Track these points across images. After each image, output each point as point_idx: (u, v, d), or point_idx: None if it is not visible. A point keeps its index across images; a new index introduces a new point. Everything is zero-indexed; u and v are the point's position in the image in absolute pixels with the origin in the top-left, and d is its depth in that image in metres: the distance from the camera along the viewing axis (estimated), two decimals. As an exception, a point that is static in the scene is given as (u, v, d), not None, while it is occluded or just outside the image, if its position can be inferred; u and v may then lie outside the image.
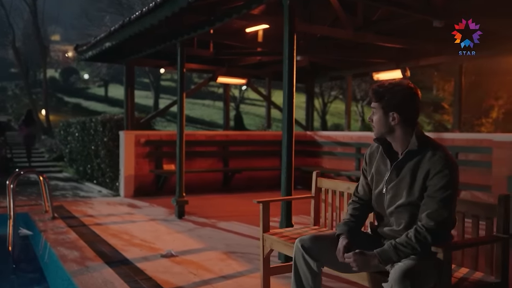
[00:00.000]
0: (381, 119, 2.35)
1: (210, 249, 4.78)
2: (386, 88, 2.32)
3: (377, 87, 2.36)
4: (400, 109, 2.31)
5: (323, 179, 3.69)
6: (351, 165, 9.15)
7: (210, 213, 6.76)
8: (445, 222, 2.19)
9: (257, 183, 9.54)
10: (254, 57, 8.69)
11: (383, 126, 2.36)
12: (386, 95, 2.31)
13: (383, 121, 2.34)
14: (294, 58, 4.39)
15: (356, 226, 2.53)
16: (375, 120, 2.38)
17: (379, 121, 2.36)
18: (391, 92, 2.30)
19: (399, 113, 2.31)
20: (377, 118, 2.36)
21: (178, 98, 6.49)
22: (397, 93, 2.30)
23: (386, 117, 2.33)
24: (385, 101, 2.31)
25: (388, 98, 2.30)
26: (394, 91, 2.30)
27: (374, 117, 2.38)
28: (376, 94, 2.34)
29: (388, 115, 2.32)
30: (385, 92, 2.31)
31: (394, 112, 2.31)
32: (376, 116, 2.37)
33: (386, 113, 2.32)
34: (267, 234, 3.45)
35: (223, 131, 10.65)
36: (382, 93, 2.32)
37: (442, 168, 2.20)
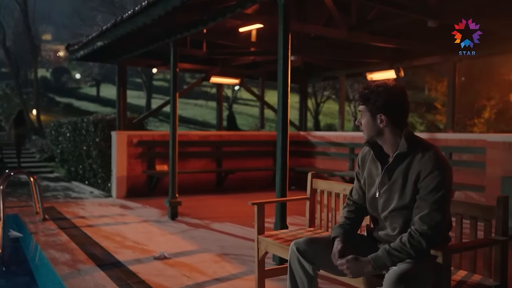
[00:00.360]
0: (369, 122, 2.30)
1: (203, 251, 4.73)
2: (371, 90, 2.28)
3: (362, 89, 2.32)
4: (387, 110, 2.26)
5: (319, 180, 3.65)
6: (345, 165, 9.13)
7: (203, 214, 6.70)
8: (439, 226, 2.14)
9: (250, 184, 9.50)
10: (248, 57, 8.65)
11: (372, 129, 2.31)
12: (372, 97, 2.26)
13: (371, 124, 2.30)
14: (289, 57, 4.35)
15: (351, 229, 2.48)
16: (363, 123, 2.33)
17: (367, 124, 2.31)
18: (376, 93, 2.25)
19: (386, 114, 2.26)
20: (365, 121, 2.32)
21: (171, 98, 6.42)
22: (382, 94, 2.25)
23: (373, 119, 2.28)
24: (371, 103, 2.26)
25: (373, 100, 2.25)
26: (379, 92, 2.25)
27: (362, 121, 2.34)
28: (362, 97, 2.30)
29: (375, 117, 2.28)
30: (370, 94, 2.27)
31: (381, 114, 2.26)
32: (364, 119, 2.32)
33: (374, 115, 2.28)
34: (262, 236, 3.40)
35: (216, 131, 10.59)
36: (367, 95, 2.27)
37: (433, 168, 2.16)
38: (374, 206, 2.41)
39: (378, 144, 2.37)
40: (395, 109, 2.27)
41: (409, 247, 2.12)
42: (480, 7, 5.77)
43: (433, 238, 2.14)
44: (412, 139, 2.27)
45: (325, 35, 6.68)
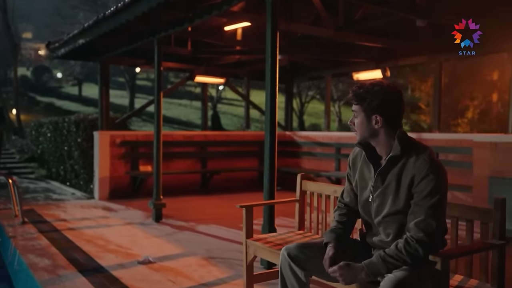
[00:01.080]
0: (363, 123, 2.20)
1: (189, 254, 4.60)
2: (366, 89, 2.17)
3: (357, 88, 2.21)
4: (383, 111, 2.16)
5: (308, 182, 3.56)
6: (331, 165, 9.07)
7: (188, 216, 6.57)
8: (435, 232, 2.06)
9: (235, 184, 9.40)
10: (233, 56, 8.54)
11: (366, 130, 2.21)
12: (367, 97, 2.16)
13: (366, 124, 2.20)
14: (277, 56, 4.26)
15: (344, 233, 2.39)
16: (357, 123, 2.23)
17: (361, 125, 2.21)
18: (372, 93, 2.15)
19: (382, 115, 2.16)
20: (359, 122, 2.22)
21: (155, 97, 6.28)
22: (378, 94, 2.15)
23: (368, 120, 2.19)
24: (367, 103, 2.17)
25: (369, 100, 2.16)
26: (375, 91, 2.15)
27: (355, 121, 2.24)
28: (357, 96, 2.19)
29: (370, 118, 2.18)
30: (365, 93, 2.17)
31: (377, 115, 2.17)
32: (357, 119, 2.22)
33: (369, 116, 2.18)
34: (251, 240, 3.30)
35: (201, 131, 10.45)
36: (363, 94, 2.17)
37: (427, 172, 2.07)
38: (367, 211, 2.32)
39: (370, 145, 2.28)
40: (391, 110, 2.18)
41: (406, 254, 2.04)
42: (468, 7, 5.75)
43: (430, 245, 2.05)
44: (405, 141, 2.18)
45: (313, 34, 6.60)
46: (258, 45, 7.40)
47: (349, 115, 11.39)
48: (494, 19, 5.98)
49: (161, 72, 6.22)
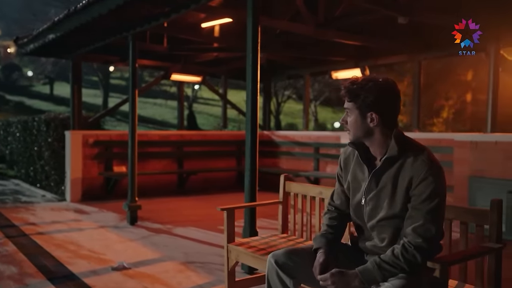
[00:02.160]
0: (357, 121, 2.05)
1: (166, 259, 4.39)
2: (360, 85, 2.02)
3: (349, 84, 2.04)
4: (379, 108, 2.01)
5: (292, 183, 3.41)
6: (310, 165, 8.97)
7: (165, 218, 6.34)
8: (434, 238, 1.93)
9: (213, 185, 9.23)
10: (210, 53, 8.34)
11: (360, 129, 2.06)
12: (361, 93, 2.00)
13: (360, 123, 2.04)
14: (258, 52, 4.11)
15: (334, 238, 2.24)
16: (350, 122, 2.07)
17: (355, 124, 2.06)
18: (366, 89, 2.00)
19: (377, 112, 2.01)
20: (353, 120, 2.06)
21: (130, 95, 6.03)
22: (373, 90, 2.00)
23: (363, 118, 2.03)
24: (361, 100, 2.01)
25: (364, 96, 2.00)
26: (370, 87, 2.00)
27: (348, 119, 2.08)
28: (350, 92, 2.03)
29: (365, 116, 2.03)
30: (359, 89, 2.01)
31: (372, 112, 2.02)
32: (351, 117, 2.06)
33: (363, 113, 2.03)
34: (233, 245, 3.12)
35: (177, 130, 10.20)
36: (356, 91, 2.01)
37: (426, 174, 1.93)
38: (359, 214, 2.18)
39: (364, 145, 2.14)
40: (387, 107, 2.04)
41: (403, 261, 1.90)
42: (448, 6, 5.71)
43: (428, 251, 1.92)
44: (402, 141, 2.04)
45: (292, 31, 6.45)
46: (236, 42, 7.25)
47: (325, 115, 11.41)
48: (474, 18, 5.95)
49: (136, 69, 5.99)
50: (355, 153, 2.21)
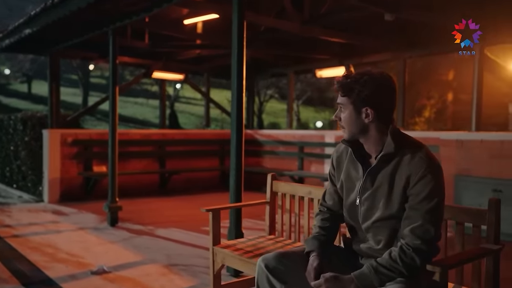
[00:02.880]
0: (351, 117, 1.94)
1: (148, 262, 4.24)
2: (354, 79, 1.91)
3: (343, 78, 1.94)
4: (374, 102, 1.91)
5: (280, 183, 3.30)
6: (294, 164, 8.89)
7: (146, 219, 6.17)
8: (433, 239, 1.84)
9: (196, 185, 9.07)
10: (193, 50, 8.18)
11: (355, 125, 1.95)
12: (356, 87, 1.90)
13: (355, 119, 1.93)
14: (244, 48, 3.99)
15: (327, 240, 2.13)
16: (344, 118, 1.96)
17: (349, 120, 1.95)
18: (361, 83, 1.89)
19: (373, 107, 1.91)
20: (347, 116, 1.94)
21: (110, 92, 5.84)
22: (368, 84, 1.89)
23: (357, 114, 1.92)
24: (356, 94, 1.90)
25: (358, 90, 1.89)
26: (365, 81, 1.89)
27: (342, 115, 1.97)
28: (344, 87, 1.92)
29: (360, 111, 1.92)
30: (353, 83, 1.90)
31: (367, 108, 1.91)
32: (345, 113, 1.95)
33: (358, 109, 1.92)
34: (219, 247, 2.99)
35: (159, 129, 10.00)
36: (351, 85, 1.90)
37: (425, 172, 1.84)
38: (353, 215, 2.07)
39: (357, 142, 2.03)
40: (383, 102, 1.93)
41: (401, 264, 1.80)
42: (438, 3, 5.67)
43: (427, 254, 1.83)
44: (399, 137, 1.94)
45: (277, 28, 6.33)
46: (221, 39, 7.11)
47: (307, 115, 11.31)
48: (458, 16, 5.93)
49: (116, 66, 5.79)
50: (348, 151, 2.10)
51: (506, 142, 5.50)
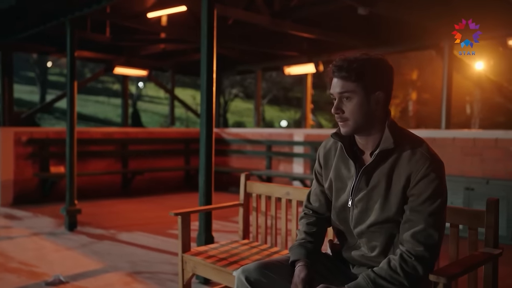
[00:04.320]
0: (362, 105, 1.69)
1: (110, 270, 3.91)
2: (361, 61, 1.67)
3: (349, 62, 1.67)
4: (384, 86, 1.71)
5: (255, 183, 3.05)
6: (262, 164, 8.69)
7: (108, 223, 5.81)
8: (437, 245, 1.64)
9: (160, 185, 8.75)
10: (157, 45, 7.82)
11: (364, 115, 1.69)
12: (368, 69, 1.67)
13: (365, 107, 1.69)
14: (214, 41, 3.74)
15: (315, 248, 1.90)
16: (351, 108, 1.69)
17: (358, 109, 1.69)
18: (372, 64, 1.68)
19: (384, 91, 1.71)
20: (357, 104, 1.68)
21: (68, 88, 5.43)
22: (379, 64, 1.70)
23: (368, 101, 1.69)
24: (369, 77, 1.67)
25: (371, 72, 1.67)
26: (373, 63, 1.69)
27: (348, 105, 1.70)
28: (355, 70, 1.66)
29: (370, 97, 1.69)
30: (364, 66, 1.67)
31: (379, 91, 1.70)
32: (353, 102, 1.69)
33: (369, 94, 1.69)
34: (189, 254, 2.72)
35: (122, 128, 9.57)
36: (361, 68, 1.66)
37: (428, 170, 1.64)
38: (343, 218, 1.85)
39: (349, 136, 1.81)
40: (389, 85, 1.74)
41: (402, 275, 1.60)
42: None
43: (431, 262, 1.63)
44: (397, 131, 1.74)
45: (246, 21, 6.09)
46: (187, 33, 6.81)
47: (272, 114, 11.06)
48: (427, 13, 5.86)
49: (74, 59, 5.40)
50: (337, 147, 1.88)
51: (478, 140, 5.46)
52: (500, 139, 5.26)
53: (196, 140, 8.67)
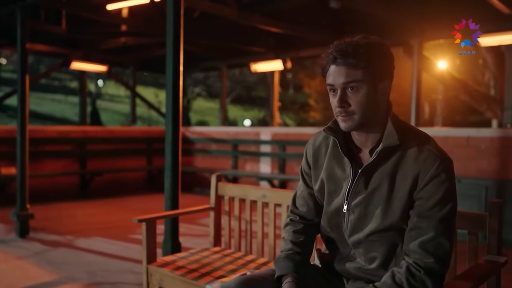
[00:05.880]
0: (369, 96, 1.45)
1: (66, 281, 3.56)
2: (367, 45, 1.43)
3: (353, 47, 1.42)
4: (390, 74, 1.49)
5: (227, 185, 2.79)
6: (228, 163, 8.42)
7: (64, 228, 5.40)
8: (448, 256, 1.43)
9: (121, 187, 8.33)
10: (118, 38, 7.42)
11: (371, 107, 1.46)
12: (375, 56, 1.43)
13: (372, 98, 1.46)
14: (181, 33, 3.49)
15: (303, 259, 1.65)
16: (358, 100, 1.44)
17: (366, 100, 1.44)
18: (376, 50, 1.44)
19: (390, 80, 1.50)
20: (364, 96, 1.44)
21: (18, 83, 5.00)
22: (382, 51, 1.46)
23: (375, 90, 1.46)
24: (376, 65, 1.44)
25: (378, 59, 1.44)
26: (379, 48, 1.45)
27: (355, 96, 1.44)
28: (363, 56, 1.41)
29: (376, 87, 1.46)
30: (370, 51, 1.42)
31: (386, 80, 1.48)
32: (360, 93, 1.44)
33: (376, 84, 1.45)
34: (154, 265, 2.43)
35: (80, 126, 9.08)
36: (368, 53, 1.42)
37: (438, 170, 1.42)
38: (336, 225, 1.62)
39: (342, 132, 1.58)
40: (393, 75, 1.51)
41: None
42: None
43: (441, 275, 1.41)
44: (402, 126, 1.52)
45: (214, 13, 5.81)
46: (151, 26, 6.47)
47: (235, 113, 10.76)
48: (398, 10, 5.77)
49: (25, 52, 4.97)
50: (328, 143, 1.65)
51: (450, 139, 5.39)
52: (472, 137, 5.20)
53: (159, 139, 8.33)
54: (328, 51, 1.49)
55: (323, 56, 1.51)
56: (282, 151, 7.40)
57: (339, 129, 1.55)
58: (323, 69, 1.53)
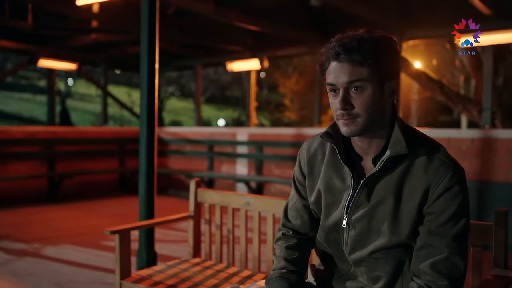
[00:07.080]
0: (375, 96, 1.28)
1: (31, 295, 3.30)
2: (373, 40, 1.27)
3: (359, 41, 1.26)
4: (397, 73, 1.34)
5: (208, 191, 2.61)
6: (203, 165, 8.21)
7: (31, 235, 5.09)
8: (463, 278, 1.28)
9: (92, 189, 8.03)
10: (88, 35, 7.12)
11: (377, 110, 1.30)
12: (382, 52, 1.27)
13: (378, 100, 1.29)
14: (156, 30, 3.32)
15: (298, 278, 1.49)
16: (364, 101, 1.27)
17: (372, 101, 1.28)
18: (383, 45, 1.28)
19: (397, 80, 1.34)
20: (370, 96, 1.27)
21: (-20, 80, 4.70)
22: (390, 47, 1.30)
23: (381, 90, 1.29)
24: (384, 62, 1.27)
25: (385, 56, 1.28)
26: (386, 43, 1.30)
27: (359, 97, 1.28)
28: (367, 52, 1.25)
29: (383, 87, 1.30)
30: (377, 47, 1.26)
31: (393, 79, 1.31)
32: (365, 93, 1.27)
33: (382, 83, 1.29)
34: (129, 281, 2.22)
35: (48, 126, 8.71)
36: (375, 49, 1.25)
37: (451, 182, 1.27)
38: (334, 241, 1.45)
39: (343, 138, 1.42)
40: (400, 74, 1.36)
41: None
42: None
43: None
44: (409, 132, 1.36)
45: (189, 9, 5.61)
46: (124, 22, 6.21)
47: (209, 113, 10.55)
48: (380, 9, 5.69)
49: (-11, 47, 4.68)
50: (325, 150, 1.48)
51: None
52: (452, 138, 5.15)
53: (132, 140, 8.06)
54: (329, 45, 1.33)
55: (323, 51, 1.35)
56: (259, 152, 7.24)
57: (338, 135, 1.39)
58: (322, 66, 1.36)
